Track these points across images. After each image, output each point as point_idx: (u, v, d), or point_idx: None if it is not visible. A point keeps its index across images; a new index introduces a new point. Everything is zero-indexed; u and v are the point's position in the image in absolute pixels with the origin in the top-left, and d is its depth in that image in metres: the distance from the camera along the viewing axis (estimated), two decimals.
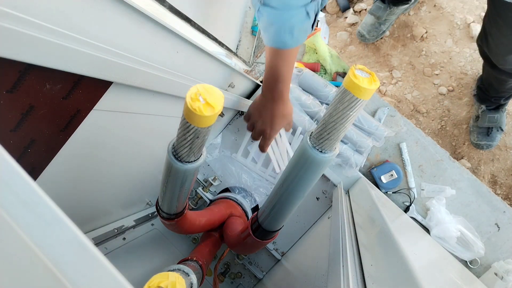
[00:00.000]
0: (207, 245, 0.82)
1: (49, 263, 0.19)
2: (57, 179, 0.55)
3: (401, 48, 1.59)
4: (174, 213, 0.62)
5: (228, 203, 1.02)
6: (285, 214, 0.61)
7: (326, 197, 1.11)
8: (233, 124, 1.16)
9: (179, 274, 0.41)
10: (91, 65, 0.42)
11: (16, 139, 0.42)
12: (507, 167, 1.49)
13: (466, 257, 1.08)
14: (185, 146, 0.43)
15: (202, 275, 0.68)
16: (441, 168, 1.13)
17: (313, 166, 0.50)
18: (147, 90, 0.58)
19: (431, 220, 1.09)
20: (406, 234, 0.86)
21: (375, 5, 1.50)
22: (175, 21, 0.67)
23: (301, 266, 0.92)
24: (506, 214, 1.11)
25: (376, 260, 0.57)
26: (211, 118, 0.38)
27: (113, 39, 0.46)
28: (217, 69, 0.81)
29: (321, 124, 0.46)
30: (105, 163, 0.67)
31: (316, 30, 1.18)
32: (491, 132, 1.43)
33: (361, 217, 0.78)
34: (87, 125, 0.52)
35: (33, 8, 0.34)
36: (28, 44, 0.33)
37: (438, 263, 0.85)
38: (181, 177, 0.49)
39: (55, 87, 0.42)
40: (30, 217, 0.19)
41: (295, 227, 1.13)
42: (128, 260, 0.85)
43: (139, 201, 0.98)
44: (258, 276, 1.17)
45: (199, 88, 0.37)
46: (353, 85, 0.40)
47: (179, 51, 0.61)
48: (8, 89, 0.37)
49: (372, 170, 1.13)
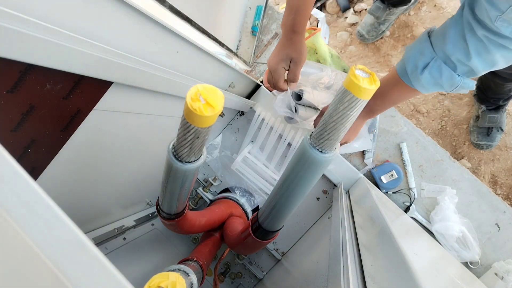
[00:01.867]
0: (207, 245, 0.82)
1: (50, 263, 0.19)
2: (58, 179, 0.55)
3: (401, 48, 1.59)
4: (174, 213, 0.62)
5: (228, 203, 1.02)
6: (285, 214, 0.61)
7: (326, 197, 1.11)
8: (233, 124, 1.16)
9: (179, 274, 0.41)
10: (92, 65, 0.42)
11: (16, 139, 0.42)
12: (507, 167, 1.49)
13: (460, 258, 1.09)
14: (186, 146, 0.43)
15: (202, 275, 0.68)
16: (442, 168, 1.13)
17: (313, 166, 0.50)
18: (147, 90, 0.58)
19: (436, 214, 1.09)
20: (406, 234, 0.86)
21: (374, 5, 1.50)
22: (176, 21, 0.67)
23: (301, 266, 0.92)
24: (507, 214, 1.11)
25: (376, 260, 0.57)
26: (212, 118, 0.38)
27: (113, 39, 0.46)
28: (217, 69, 0.81)
29: (321, 124, 0.46)
30: (106, 163, 0.67)
31: (316, 30, 1.18)
32: (491, 132, 1.43)
33: (361, 217, 0.78)
34: (87, 125, 0.52)
35: (33, 8, 0.34)
36: (28, 44, 0.33)
37: (438, 263, 0.85)
38: (181, 177, 0.49)
39: (56, 87, 0.42)
40: (30, 217, 0.19)
41: (295, 227, 1.13)
42: (128, 260, 0.85)
43: (139, 201, 0.98)
44: (258, 276, 1.17)
45: (200, 88, 0.37)
46: (353, 85, 0.40)
47: (179, 51, 0.61)
48: (8, 89, 0.37)
49: (372, 170, 1.13)
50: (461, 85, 0.67)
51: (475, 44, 0.61)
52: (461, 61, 0.64)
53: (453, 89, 0.69)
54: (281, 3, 1.70)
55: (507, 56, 0.61)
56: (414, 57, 0.69)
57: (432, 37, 0.68)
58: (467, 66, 0.64)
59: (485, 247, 1.11)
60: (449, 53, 0.64)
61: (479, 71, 0.65)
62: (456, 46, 0.63)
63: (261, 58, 1.23)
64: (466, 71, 0.66)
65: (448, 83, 0.68)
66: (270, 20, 1.23)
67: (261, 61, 1.23)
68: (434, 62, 0.67)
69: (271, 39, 1.23)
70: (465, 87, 0.68)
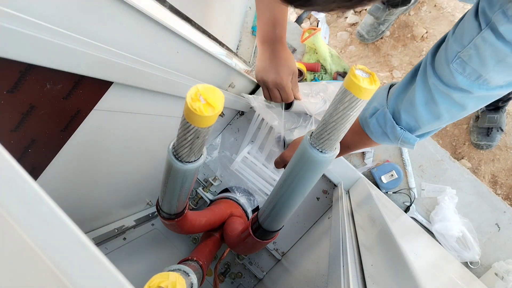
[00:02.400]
0: (207, 245, 0.82)
1: (50, 263, 0.19)
2: (58, 179, 0.55)
3: (401, 48, 1.59)
4: (174, 213, 0.62)
5: (228, 203, 1.02)
6: (285, 214, 0.61)
7: (326, 197, 1.11)
8: (233, 125, 1.16)
9: (180, 274, 0.41)
10: (92, 65, 0.43)
11: (16, 139, 0.42)
12: (507, 167, 1.49)
13: (460, 258, 1.09)
14: (186, 146, 0.43)
15: (202, 275, 0.67)
16: (442, 168, 1.13)
17: (313, 166, 0.50)
18: (147, 90, 0.58)
19: (436, 214, 1.09)
20: (406, 234, 0.86)
21: (374, 6, 1.50)
22: (176, 21, 0.67)
23: (302, 266, 0.92)
24: (507, 214, 1.11)
25: (376, 260, 0.57)
26: (212, 118, 0.38)
27: (114, 39, 0.46)
28: (217, 69, 0.81)
29: (321, 124, 0.46)
30: (106, 163, 0.67)
31: (316, 30, 1.18)
32: (491, 132, 1.43)
33: (361, 217, 0.78)
34: (87, 125, 0.52)
35: (33, 8, 0.34)
36: (28, 44, 0.33)
37: (438, 263, 0.85)
38: (181, 177, 0.49)
39: (56, 87, 0.42)
40: (30, 217, 0.20)
41: (295, 227, 1.13)
42: (128, 260, 0.85)
43: (139, 201, 0.98)
44: (258, 276, 1.17)
45: (200, 88, 0.37)
46: (353, 85, 0.40)
47: (179, 51, 0.61)
48: (8, 89, 0.37)
49: (372, 170, 1.13)
50: (402, 138, 0.68)
51: (423, 92, 0.61)
52: (407, 109, 0.64)
53: (397, 141, 0.69)
54: None
55: (452, 111, 0.61)
56: (370, 102, 0.70)
57: (391, 89, 0.70)
58: (411, 115, 0.64)
59: (485, 247, 1.11)
60: (397, 102, 0.65)
61: (423, 123, 0.65)
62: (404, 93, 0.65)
63: None
64: (409, 122, 0.66)
65: (392, 134, 0.68)
66: None
67: None
68: (382, 110, 0.68)
69: None
70: (406, 141, 0.68)
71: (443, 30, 1.56)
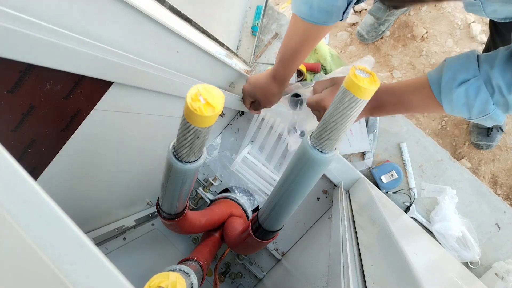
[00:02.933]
0: (207, 245, 0.82)
1: (50, 262, 0.19)
2: (58, 179, 0.55)
3: (401, 48, 1.59)
4: (175, 213, 0.62)
5: (228, 203, 1.02)
6: (286, 214, 0.61)
7: (326, 197, 1.11)
8: (233, 125, 1.16)
9: (180, 274, 0.41)
10: (92, 65, 0.43)
11: (16, 139, 0.42)
12: (507, 167, 1.49)
13: (460, 258, 1.09)
14: (186, 146, 0.43)
15: (202, 275, 0.67)
16: (442, 168, 1.13)
17: (313, 166, 0.50)
18: (147, 90, 0.58)
19: (436, 214, 1.09)
20: (406, 234, 0.86)
21: (375, 6, 1.50)
22: (176, 21, 0.67)
23: (302, 266, 0.92)
24: (507, 214, 1.11)
25: (376, 260, 0.57)
26: (212, 118, 0.38)
27: (114, 39, 0.46)
28: (218, 69, 0.81)
29: (322, 124, 0.46)
30: (106, 163, 0.67)
31: None
32: (490, 132, 1.43)
33: (362, 217, 0.78)
34: (87, 125, 0.52)
35: (33, 8, 0.34)
36: (28, 44, 0.33)
37: (438, 263, 0.85)
38: (181, 177, 0.49)
39: (56, 87, 0.42)
40: (31, 217, 0.20)
41: (296, 227, 1.13)
42: (128, 260, 0.85)
43: (139, 201, 0.98)
44: (258, 276, 1.17)
45: (200, 88, 0.37)
46: (354, 85, 0.40)
47: (179, 51, 0.61)
48: (8, 89, 0.37)
49: (372, 170, 1.13)
50: (491, 115, 0.61)
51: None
52: (501, 91, 0.58)
53: (480, 116, 0.62)
54: (281, 3, 1.70)
55: None
56: (456, 69, 0.63)
57: (480, 57, 0.62)
58: (504, 98, 0.59)
59: (485, 247, 1.11)
60: (492, 77, 0.58)
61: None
62: (502, 74, 0.58)
63: (261, 58, 1.23)
64: (501, 103, 0.60)
65: (479, 108, 0.61)
66: (270, 20, 1.23)
67: (261, 61, 1.23)
68: (476, 80, 0.60)
69: (271, 39, 1.23)
70: (495, 117, 0.62)
71: (443, 30, 1.56)
